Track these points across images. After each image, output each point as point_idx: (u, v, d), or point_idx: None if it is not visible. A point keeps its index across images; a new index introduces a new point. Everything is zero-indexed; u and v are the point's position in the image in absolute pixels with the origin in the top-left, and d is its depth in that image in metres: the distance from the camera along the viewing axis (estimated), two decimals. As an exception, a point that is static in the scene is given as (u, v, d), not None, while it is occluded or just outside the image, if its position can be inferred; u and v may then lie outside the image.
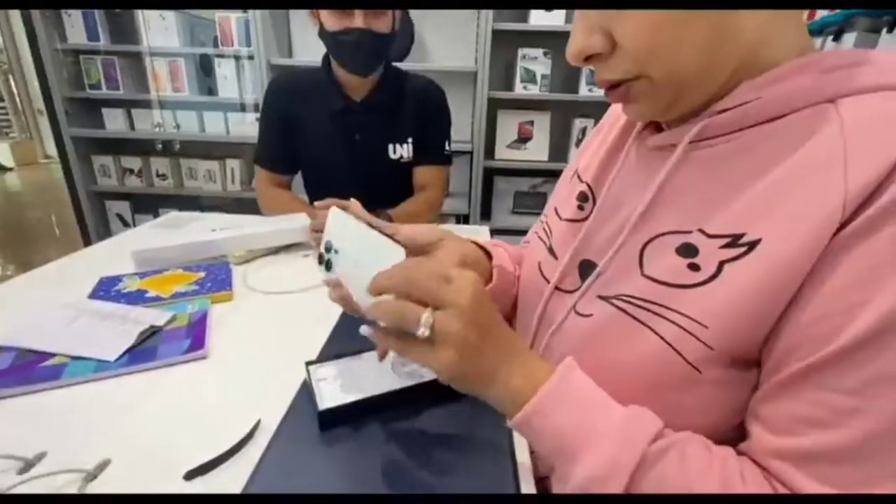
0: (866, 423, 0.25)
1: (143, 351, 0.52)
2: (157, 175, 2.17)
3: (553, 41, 1.85)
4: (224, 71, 2.01)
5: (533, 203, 2.12)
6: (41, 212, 3.75)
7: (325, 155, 1.08)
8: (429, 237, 0.48)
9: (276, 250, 0.86)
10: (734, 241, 0.30)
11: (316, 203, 0.84)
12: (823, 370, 0.27)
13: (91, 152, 2.15)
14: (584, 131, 2.00)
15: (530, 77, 1.90)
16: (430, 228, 0.50)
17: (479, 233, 1.08)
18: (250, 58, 1.91)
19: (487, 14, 1.74)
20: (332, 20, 0.93)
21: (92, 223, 2.23)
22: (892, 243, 0.25)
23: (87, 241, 2.23)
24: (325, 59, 1.04)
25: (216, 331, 0.59)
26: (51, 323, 0.56)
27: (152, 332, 0.56)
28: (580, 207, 0.46)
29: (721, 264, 0.31)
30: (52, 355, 0.50)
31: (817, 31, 1.33)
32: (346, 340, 0.58)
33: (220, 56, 1.98)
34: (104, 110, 2.10)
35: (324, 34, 0.96)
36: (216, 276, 0.71)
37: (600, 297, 0.38)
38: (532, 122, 2.02)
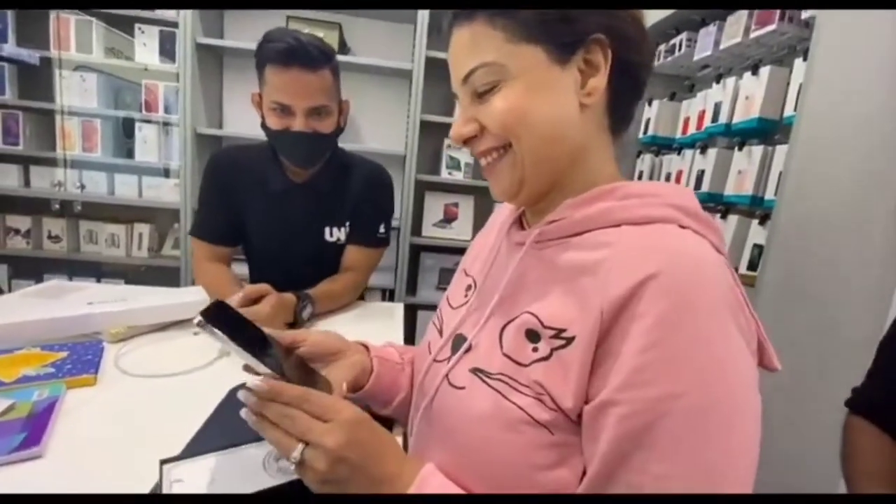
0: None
1: (-43, 450, 0.43)
2: (49, 237, 1.97)
3: (476, 134, 2.02)
4: (145, 135, 1.96)
5: (457, 280, 2.17)
6: None
7: (261, 233, 1.05)
8: (331, 347, 0.54)
9: (164, 326, 0.78)
10: (559, 333, 0.40)
11: (247, 288, 0.83)
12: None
13: (-30, 209, 1.92)
14: (504, 215, 2.14)
15: (455, 164, 2.04)
16: (333, 339, 0.55)
17: (395, 311, 1.07)
18: (170, 125, 1.88)
19: (416, 106, 1.88)
20: (273, 119, 0.91)
21: (-44, 287, 1.93)
22: (637, 351, 0.34)
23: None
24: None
25: (67, 422, 0.51)
26: None
27: (-24, 426, 0.47)
28: (465, 295, 0.53)
29: (552, 350, 0.40)
30: None
31: (689, 144, 1.58)
32: (219, 433, 0.53)
33: (145, 121, 1.94)
34: (-4, 165, 1.92)
35: (265, 128, 0.95)
36: (81, 357, 0.63)
37: (472, 371, 0.44)
38: (457, 204, 2.13)
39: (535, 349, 0.41)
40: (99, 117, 1.92)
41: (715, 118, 1.41)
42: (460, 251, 2.16)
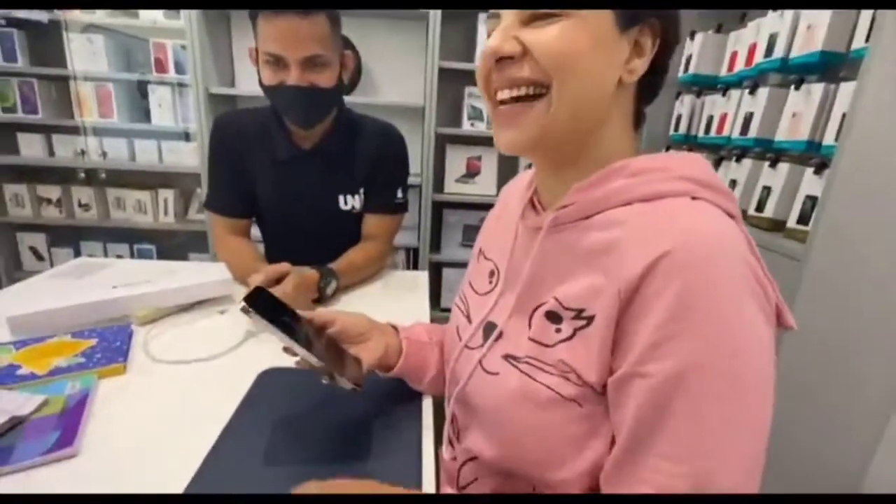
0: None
1: (-5, 451, 0.44)
2: (80, 205, 2.01)
3: (498, 81, 1.89)
4: (160, 97, 1.91)
5: (482, 237, 2.12)
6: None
7: (271, 204, 1.01)
8: (360, 328, 0.55)
9: (190, 306, 0.78)
10: (579, 314, 0.41)
11: (267, 269, 0.79)
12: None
13: (2, 180, 1.96)
14: (530, 166, 2.04)
15: (477, 114, 1.92)
16: (361, 321, 0.57)
17: (419, 280, 1.05)
18: (184, 85, 1.83)
19: (434, 52, 1.76)
20: (267, 73, 0.85)
21: (0, 257, 2.02)
22: (655, 326, 0.35)
23: (-7, 278, 2.01)
24: None
25: (99, 416, 0.52)
26: None
27: (12, 424, 0.47)
28: (490, 282, 0.54)
29: (575, 331, 0.41)
30: None
31: (736, 82, 1.43)
32: (254, 418, 0.52)
33: (158, 83, 1.89)
34: (19, 135, 1.93)
35: (261, 85, 0.88)
36: (110, 344, 0.63)
37: (503, 357, 0.46)
38: (480, 157, 2.04)
39: (557, 330, 0.42)
40: (111, 81, 1.88)
41: (769, 52, 1.26)
42: (484, 206, 2.10)
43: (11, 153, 1.94)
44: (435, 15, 1.72)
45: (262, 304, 0.45)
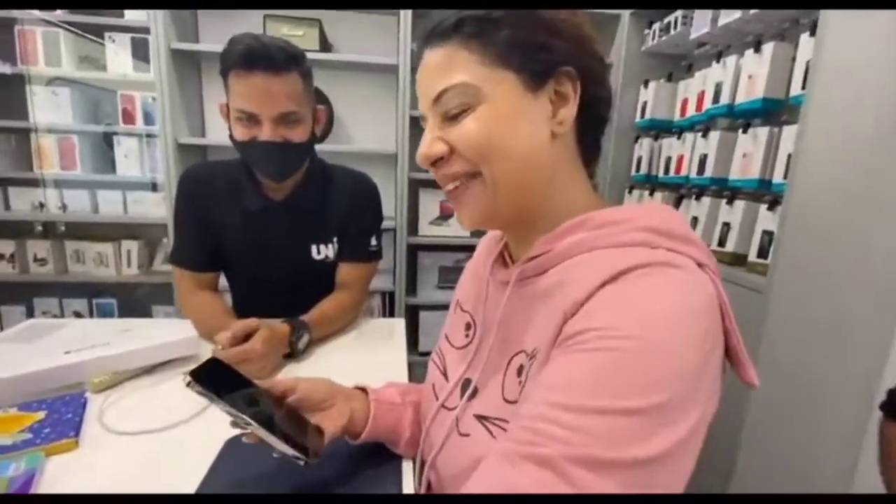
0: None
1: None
2: (35, 260, 1.91)
3: (468, 127, 1.96)
4: (126, 148, 1.88)
5: (457, 277, 2.11)
6: None
7: (241, 256, 0.98)
8: (321, 395, 0.52)
9: (151, 368, 0.74)
10: (531, 355, 0.40)
11: (234, 326, 0.76)
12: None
13: (-50, 236, 1.86)
14: (502, 209, 2.08)
15: (448, 159, 1.97)
16: (323, 387, 0.53)
17: (395, 327, 1.03)
18: (153, 136, 1.81)
19: (405, 101, 1.81)
20: (239, 129, 0.84)
21: (-57, 318, 1.88)
22: (584, 327, 0.34)
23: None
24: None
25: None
26: None
27: (-59, 518, 0.42)
28: (466, 335, 0.53)
29: (528, 374, 0.40)
30: None
31: (688, 126, 1.52)
32: (221, 489, 0.49)
33: (125, 134, 1.86)
34: (-28, 189, 1.85)
35: (233, 140, 0.88)
36: (61, 416, 0.58)
37: (476, 417, 0.44)
38: (453, 200, 2.07)
39: (520, 382, 0.41)
40: (75, 133, 1.84)
41: (716, 99, 1.36)
42: (458, 248, 2.12)
43: (-38, 207, 1.85)
44: (405, 67, 1.79)
45: (212, 377, 0.42)
